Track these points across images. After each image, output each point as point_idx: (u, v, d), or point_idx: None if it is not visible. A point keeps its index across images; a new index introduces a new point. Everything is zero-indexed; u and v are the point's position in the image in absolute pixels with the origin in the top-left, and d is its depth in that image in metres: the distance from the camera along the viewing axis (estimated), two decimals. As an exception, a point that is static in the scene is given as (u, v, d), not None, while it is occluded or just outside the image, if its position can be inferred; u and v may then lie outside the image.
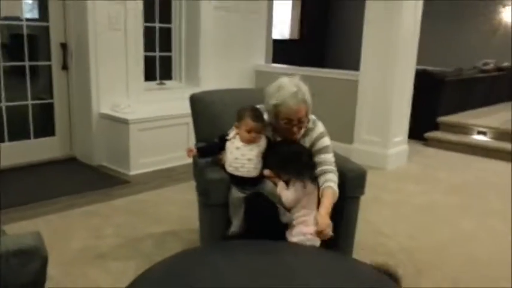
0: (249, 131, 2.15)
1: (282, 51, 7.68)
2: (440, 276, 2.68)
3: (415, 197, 3.99)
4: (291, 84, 2.13)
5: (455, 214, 3.64)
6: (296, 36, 10.63)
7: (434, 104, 6.01)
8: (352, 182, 2.30)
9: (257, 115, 2.17)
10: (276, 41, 6.98)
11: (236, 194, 2.15)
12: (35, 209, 3.34)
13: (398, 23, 4.50)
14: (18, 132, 4.33)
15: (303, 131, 2.22)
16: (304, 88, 2.15)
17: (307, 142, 2.25)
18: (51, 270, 2.44)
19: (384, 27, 4.57)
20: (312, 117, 2.28)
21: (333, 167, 2.22)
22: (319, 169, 2.20)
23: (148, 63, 4.94)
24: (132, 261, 2.67)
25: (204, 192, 2.26)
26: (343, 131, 4.85)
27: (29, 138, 4.41)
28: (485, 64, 7.58)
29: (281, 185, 2.14)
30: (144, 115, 4.30)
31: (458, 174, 4.71)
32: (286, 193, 2.12)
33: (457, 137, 5.78)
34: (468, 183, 4.44)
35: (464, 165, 5.08)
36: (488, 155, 5.36)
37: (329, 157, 2.23)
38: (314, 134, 2.25)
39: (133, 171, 4.21)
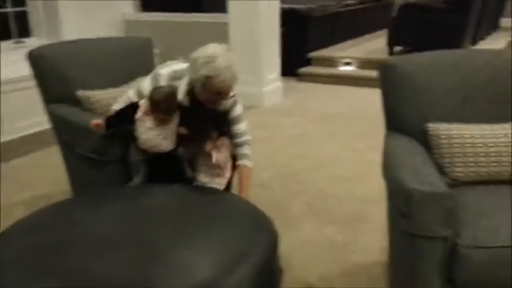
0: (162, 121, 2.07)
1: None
2: (309, 195, 2.96)
3: (289, 129, 4.25)
4: (223, 55, 2.03)
5: (324, 140, 3.96)
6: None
7: (304, 40, 6.27)
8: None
9: (170, 107, 2.06)
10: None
11: (136, 156, 2.14)
12: None
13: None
14: None
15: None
16: (234, 61, 2.08)
17: (221, 107, 2.22)
18: None
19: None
20: None
21: (247, 138, 2.27)
22: (235, 141, 2.24)
23: (2, 21, 4.51)
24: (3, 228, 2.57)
25: (98, 149, 2.21)
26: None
27: None
28: (349, -2, 8.00)
29: (210, 147, 2.16)
30: (4, 77, 3.97)
31: (328, 104, 5.07)
32: (219, 156, 2.16)
33: (326, 70, 6.16)
34: (337, 111, 4.81)
35: (334, 95, 5.47)
36: (355, 84, 5.80)
37: (243, 127, 2.27)
38: (228, 100, 2.22)
39: (2, 138, 3.97)
